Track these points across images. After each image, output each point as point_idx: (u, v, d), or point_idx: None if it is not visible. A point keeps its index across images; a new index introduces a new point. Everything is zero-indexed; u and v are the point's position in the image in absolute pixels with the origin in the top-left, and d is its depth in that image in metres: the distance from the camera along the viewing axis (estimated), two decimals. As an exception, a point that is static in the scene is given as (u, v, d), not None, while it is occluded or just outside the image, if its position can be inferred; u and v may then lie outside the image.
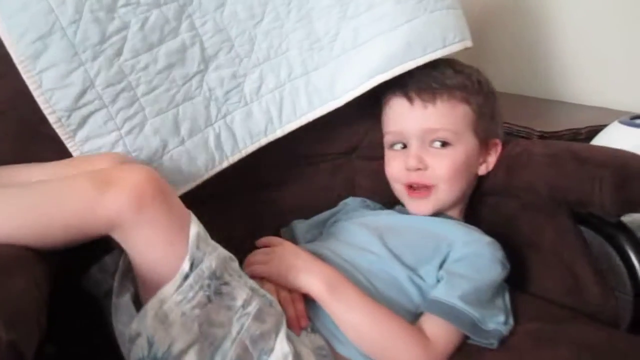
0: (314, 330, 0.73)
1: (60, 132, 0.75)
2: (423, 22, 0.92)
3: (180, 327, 0.60)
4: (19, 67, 0.73)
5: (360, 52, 0.93)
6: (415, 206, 0.90)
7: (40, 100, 0.73)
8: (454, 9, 0.96)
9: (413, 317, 0.76)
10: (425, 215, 0.90)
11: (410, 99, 0.89)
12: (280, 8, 0.91)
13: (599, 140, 1.08)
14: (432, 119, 0.88)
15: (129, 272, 0.64)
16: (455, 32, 0.94)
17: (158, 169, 0.82)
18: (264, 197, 0.97)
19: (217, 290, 0.63)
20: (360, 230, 0.87)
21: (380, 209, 0.99)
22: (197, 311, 0.61)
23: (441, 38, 0.93)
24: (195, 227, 0.63)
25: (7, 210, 0.60)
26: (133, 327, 0.60)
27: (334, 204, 1.00)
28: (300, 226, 0.96)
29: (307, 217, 0.98)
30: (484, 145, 0.91)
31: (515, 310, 0.80)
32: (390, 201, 0.97)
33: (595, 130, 1.11)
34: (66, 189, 0.62)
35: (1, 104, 0.78)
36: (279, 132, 0.94)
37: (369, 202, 1.00)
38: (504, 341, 0.75)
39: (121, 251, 0.65)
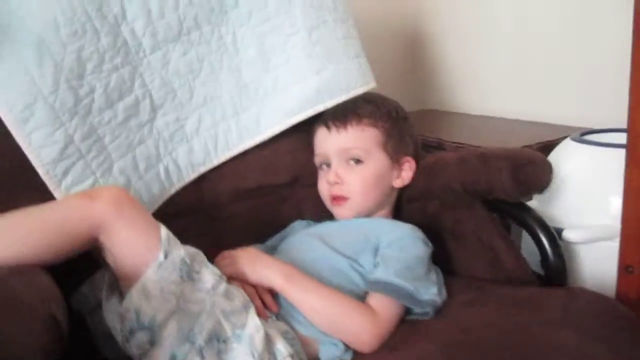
0: (278, 318, 0.87)
1: (48, 182, 0.92)
2: (330, 72, 1.16)
3: (160, 300, 0.75)
4: (12, 131, 0.89)
5: (279, 97, 1.16)
6: (339, 212, 1.08)
7: (31, 156, 0.90)
8: (357, 57, 1.20)
9: (359, 300, 0.89)
10: (347, 219, 1.07)
11: (328, 127, 1.09)
12: (214, 63, 1.12)
13: (554, 157, 1.19)
14: (345, 140, 1.07)
15: (115, 282, 0.79)
16: (358, 79, 1.19)
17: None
18: (221, 227, 1.13)
19: (189, 274, 0.78)
20: (304, 238, 1.04)
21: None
22: (172, 287, 0.76)
23: (345, 85, 1.17)
24: (164, 229, 0.79)
25: (13, 232, 0.75)
26: (123, 306, 0.75)
27: (284, 227, 1.15)
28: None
29: (261, 242, 1.11)
30: (396, 162, 1.09)
31: (449, 290, 0.94)
32: (332, 220, 1.12)
33: (545, 146, 1.25)
34: (58, 206, 0.81)
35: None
36: (216, 162, 1.15)
37: (312, 222, 1.15)
38: (440, 311, 0.90)
39: (107, 267, 0.82)
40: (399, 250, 0.95)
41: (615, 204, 1.09)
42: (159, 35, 1.04)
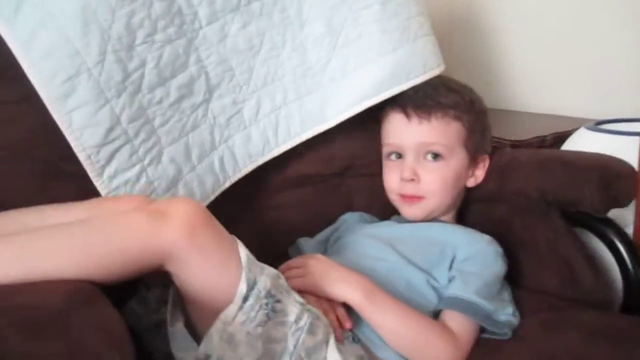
0: (355, 340, 0.78)
1: (89, 169, 0.79)
2: (406, 51, 1.01)
3: (247, 346, 0.65)
4: (49, 108, 0.76)
5: (349, 79, 1.01)
6: (409, 211, 0.97)
7: (70, 138, 0.77)
8: (430, 35, 1.06)
9: (432, 317, 0.83)
10: (417, 220, 0.97)
11: (407, 115, 0.96)
12: (276, 38, 0.98)
13: (568, 146, 1.17)
14: (427, 133, 0.95)
15: (179, 303, 0.69)
16: (433, 58, 1.04)
17: (175, 195, 0.88)
18: (269, 218, 1.03)
19: (272, 307, 0.67)
20: (370, 241, 0.93)
21: (378, 221, 1.07)
22: (259, 329, 0.65)
23: (422, 65, 1.02)
24: (244, 250, 0.67)
25: (68, 248, 0.63)
26: (201, 350, 0.64)
27: (334, 220, 1.07)
28: (307, 244, 1.02)
29: (309, 235, 1.03)
30: (473, 159, 0.99)
31: (518, 305, 0.87)
32: (386, 214, 1.05)
33: (559, 137, 1.21)
34: (122, 223, 0.65)
35: (16, 146, 0.81)
36: (275, 152, 1.02)
37: (366, 216, 1.07)
38: (515, 332, 0.82)
39: (163, 286, 0.70)
40: (480, 266, 0.86)
41: None
42: (216, 4, 0.91)
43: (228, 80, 0.95)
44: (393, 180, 0.99)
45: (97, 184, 0.80)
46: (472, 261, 0.87)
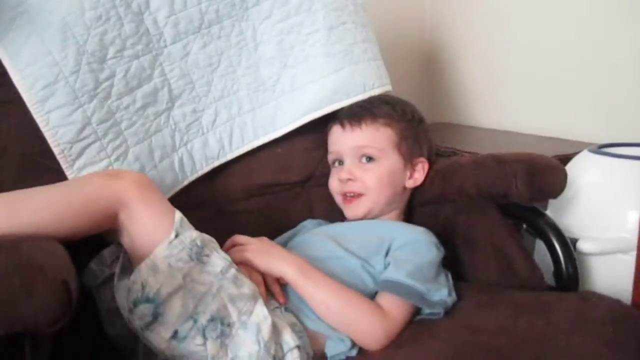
0: (287, 310, 0.87)
1: (62, 161, 0.92)
2: (348, 72, 1.17)
3: (167, 275, 0.76)
4: (31, 109, 0.90)
5: (296, 95, 1.16)
6: (350, 211, 1.08)
7: (48, 135, 0.91)
8: (375, 60, 1.22)
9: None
10: (358, 218, 1.07)
11: (342, 125, 1.10)
12: (233, 57, 1.13)
13: (570, 168, 1.16)
14: (360, 138, 1.07)
15: (128, 266, 0.81)
16: (375, 80, 1.19)
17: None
18: (232, 223, 1.11)
19: (198, 256, 0.79)
20: (315, 238, 1.04)
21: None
22: (180, 264, 0.77)
23: (362, 85, 1.18)
24: (179, 213, 0.81)
25: (37, 203, 0.76)
26: (131, 279, 0.76)
27: (294, 226, 1.14)
28: None
29: (271, 239, 1.03)
30: (409, 162, 1.09)
31: (459, 293, 0.94)
32: (343, 220, 1.12)
33: (561, 160, 1.16)
34: (83, 182, 0.82)
35: (4, 141, 0.93)
36: (229, 156, 1.15)
37: (324, 222, 1.15)
38: (451, 312, 0.90)
39: (118, 244, 0.83)
40: (411, 253, 0.94)
41: (632, 216, 1.09)
42: (180, 26, 1.05)
43: (189, 92, 1.09)
44: (335, 182, 1.12)
45: (68, 174, 0.93)
46: (405, 248, 0.95)
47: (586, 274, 1.14)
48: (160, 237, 0.78)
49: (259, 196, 1.17)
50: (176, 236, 0.79)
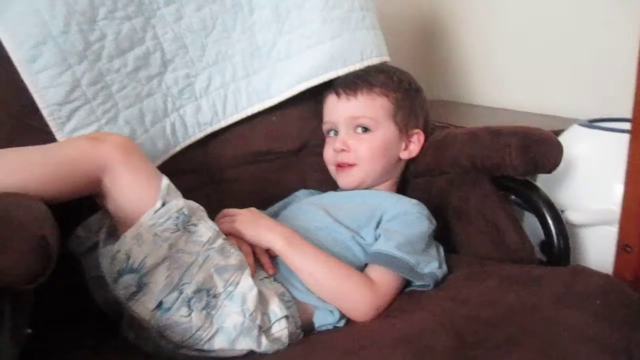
0: (276, 280, 0.87)
1: (51, 124, 0.91)
2: (345, 39, 1.14)
3: (152, 245, 0.74)
4: (19, 69, 0.89)
5: (292, 62, 1.14)
6: (343, 180, 1.07)
7: (36, 96, 0.90)
8: (373, 29, 1.19)
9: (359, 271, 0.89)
10: (350, 188, 1.06)
11: (337, 94, 1.07)
12: (227, 21, 1.11)
13: (561, 141, 1.07)
14: (354, 108, 1.05)
15: (114, 232, 0.81)
16: (373, 49, 1.17)
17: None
18: (225, 190, 1.12)
19: (184, 225, 0.77)
20: (306, 207, 1.03)
21: None
22: (166, 234, 0.75)
23: (359, 53, 1.15)
24: (166, 180, 0.79)
25: (16, 163, 0.75)
26: (115, 248, 0.75)
27: (287, 195, 1.14)
28: None
29: (263, 208, 1.07)
30: (405, 133, 1.08)
31: (450, 266, 0.94)
32: (336, 190, 1.11)
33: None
34: (65, 144, 0.81)
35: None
36: (223, 123, 1.14)
37: (315, 192, 1.14)
38: (439, 284, 0.90)
39: (105, 213, 0.82)
40: (402, 225, 0.93)
41: (618, 189, 1.06)
42: (174, -12, 1.03)
43: (182, 56, 1.07)
44: (329, 152, 1.11)
45: (58, 137, 0.92)
46: (396, 220, 0.94)
47: (574, 246, 1.12)
48: (146, 204, 0.77)
49: (252, 164, 1.16)
50: (163, 204, 0.78)
